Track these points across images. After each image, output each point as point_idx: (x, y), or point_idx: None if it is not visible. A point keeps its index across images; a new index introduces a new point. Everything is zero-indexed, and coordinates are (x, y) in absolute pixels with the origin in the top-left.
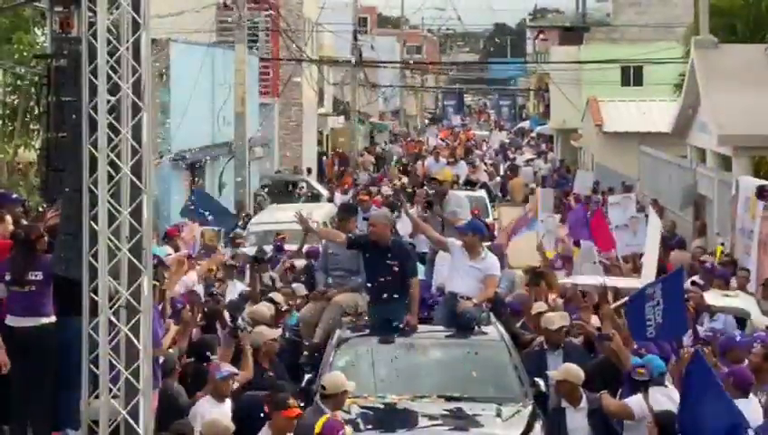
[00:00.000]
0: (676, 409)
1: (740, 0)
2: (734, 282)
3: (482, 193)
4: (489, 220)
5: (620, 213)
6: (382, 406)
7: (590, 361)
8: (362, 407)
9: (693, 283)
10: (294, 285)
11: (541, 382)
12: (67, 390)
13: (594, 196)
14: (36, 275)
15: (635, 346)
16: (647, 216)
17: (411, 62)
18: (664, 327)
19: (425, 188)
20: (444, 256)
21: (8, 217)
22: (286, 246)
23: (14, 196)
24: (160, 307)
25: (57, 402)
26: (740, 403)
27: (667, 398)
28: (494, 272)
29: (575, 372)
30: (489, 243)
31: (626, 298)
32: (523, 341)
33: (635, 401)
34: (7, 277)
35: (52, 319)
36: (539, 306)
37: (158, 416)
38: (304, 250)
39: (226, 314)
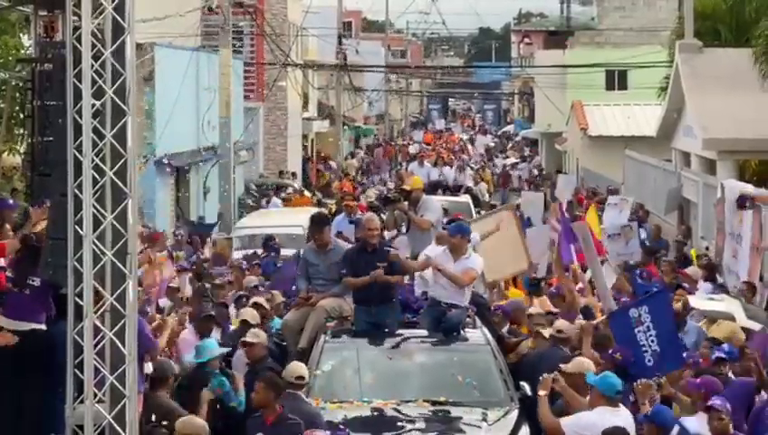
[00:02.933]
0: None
1: (724, 4)
2: (708, 285)
3: (466, 198)
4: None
5: (616, 214)
6: (368, 411)
7: None
8: (348, 412)
9: (678, 286)
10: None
11: (526, 386)
12: (52, 394)
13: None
14: (34, 281)
15: (610, 350)
16: (639, 224)
17: (396, 66)
18: (661, 357)
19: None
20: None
21: None
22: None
23: (11, 201)
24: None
25: (43, 407)
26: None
27: (621, 419)
28: (474, 267)
29: (587, 365)
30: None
31: (604, 317)
32: (508, 344)
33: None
34: (8, 273)
35: (42, 326)
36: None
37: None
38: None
39: None
